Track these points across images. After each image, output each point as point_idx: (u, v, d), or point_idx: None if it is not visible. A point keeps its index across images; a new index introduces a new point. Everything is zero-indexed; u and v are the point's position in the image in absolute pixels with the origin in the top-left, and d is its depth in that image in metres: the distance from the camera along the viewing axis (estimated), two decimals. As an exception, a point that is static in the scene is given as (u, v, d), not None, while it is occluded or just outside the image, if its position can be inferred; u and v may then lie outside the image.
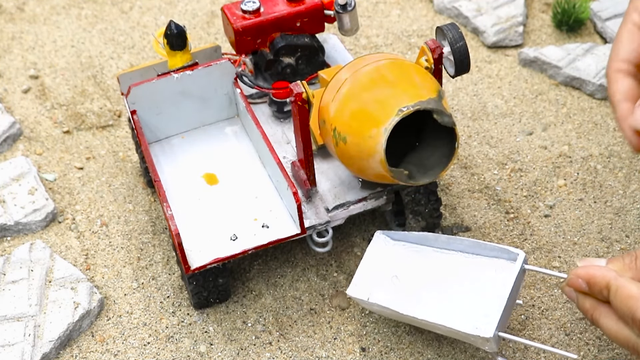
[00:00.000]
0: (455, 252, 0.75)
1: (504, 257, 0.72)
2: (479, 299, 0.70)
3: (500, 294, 0.69)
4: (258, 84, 0.86)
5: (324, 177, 0.81)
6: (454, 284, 0.73)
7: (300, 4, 0.86)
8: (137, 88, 0.81)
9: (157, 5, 1.21)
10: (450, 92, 1.03)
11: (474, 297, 0.71)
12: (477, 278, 0.72)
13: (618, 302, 0.63)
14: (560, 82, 1.03)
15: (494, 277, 0.72)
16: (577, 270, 0.66)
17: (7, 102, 1.06)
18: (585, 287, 0.65)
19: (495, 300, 0.69)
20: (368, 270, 0.76)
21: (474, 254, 0.74)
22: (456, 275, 0.73)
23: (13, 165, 0.95)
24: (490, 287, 0.71)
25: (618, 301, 0.63)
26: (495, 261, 0.72)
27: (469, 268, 0.73)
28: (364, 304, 0.74)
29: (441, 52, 0.74)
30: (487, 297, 0.70)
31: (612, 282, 0.63)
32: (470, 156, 0.95)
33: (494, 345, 0.68)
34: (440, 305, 0.71)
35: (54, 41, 1.15)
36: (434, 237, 0.75)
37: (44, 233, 0.90)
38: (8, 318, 0.80)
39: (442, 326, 0.69)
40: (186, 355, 0.78)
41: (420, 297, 0.73)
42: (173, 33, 0.82)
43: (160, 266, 0.86)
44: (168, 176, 0.83)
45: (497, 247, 0.72)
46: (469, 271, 0.73)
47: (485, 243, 0.73)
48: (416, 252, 0.76)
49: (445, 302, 0.71)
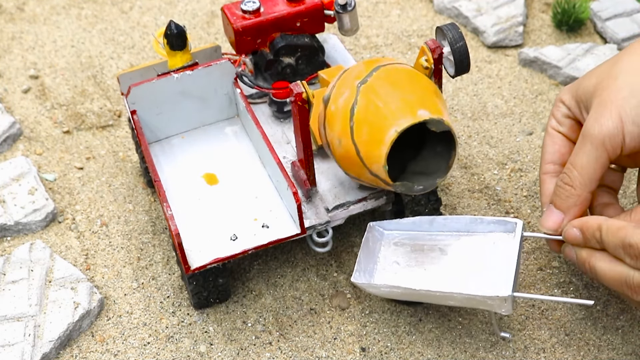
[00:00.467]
0: (451, 232, 0.76)
1: (501, 229, 0.74)
2: (487, 268, 0.72)
3: (508, 259, 0.71)
4: (258, 84, 0.86)
5: (324, 177, 0.81)
6: (458, 259, 0.74)
7: (300, 4, 0.86)
8: (137, 88, 0.81)
9: (157, 5, 1.21)
10: (450, 92, 1.03)
11: (481, 267, 0.72)
12: (479, 251, 0.74)
13: (610, 237, 0.66)
14: (560, 82, 1.03)
15: (495, 248, 0.73)
16: (571, 222, 0.70)
17: (7, 102, 1.06)
18: (579, 236, 0.69)
19: (504, 265, 0.71)
20: (367, 259, 0.76)
21: (470, 232, 0.75)
22: (458, 252, 0.74)
23: (13, 165, 0.95)
24: (495, 257, 0.73)
25: (610, 236, 0.66)
26: (494, 234, 0.74)
27: (469, 244, 0.75)
28: (371, 289, 0.74)
29: (441, 52, 0.74)
30: (494, 265, 0.72)
31: (602, 223, 0.67)
32: (470, 156, 0.95)
33: (510, 307, 0.69)
34: (450, 277, 0.72)
35: (54, 41, 1.15)
36: (428, 220, 0.76)
37: (44, 233, 0.90)
38: (8, 318, 0.80)
39: (458, 294, 0.69)
40: (186, 355, 0.78)
41: (427, 273, 0.73)
42: (173, 33, 0.82)
43: (160, 266, 0.86)
44: (168, 176, 0.83)
45: (494, 219, 0.73)
46: (469, 246, 0.74)
47: (481, 218, 0.74)
48: (412, 237, 0.77)
49: (454, 274, 0.73)
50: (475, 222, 0.75)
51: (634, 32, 1.08)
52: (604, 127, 0.68)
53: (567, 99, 0.76)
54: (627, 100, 0.68)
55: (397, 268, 0.75)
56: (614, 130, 0.68)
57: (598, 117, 0.69)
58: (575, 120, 0.76)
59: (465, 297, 0.69)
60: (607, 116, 0.68)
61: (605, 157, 0.69)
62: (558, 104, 0.77)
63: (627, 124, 0.68)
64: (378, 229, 0.77)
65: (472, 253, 0.74)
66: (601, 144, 0.68)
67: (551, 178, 0.75)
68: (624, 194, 0.90)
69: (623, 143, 0.68)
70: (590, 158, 0.69)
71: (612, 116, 0.68)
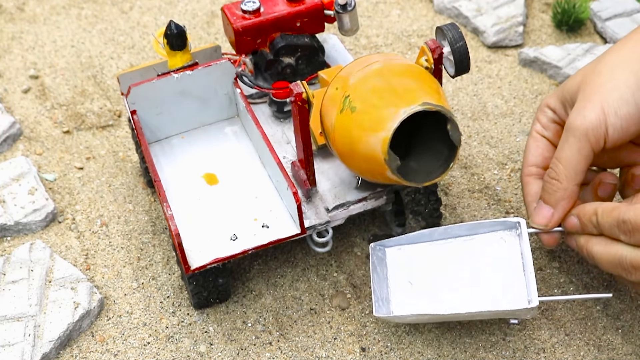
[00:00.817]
0: (453, 239, 0.75)
1: (502, 228, 0.74)
2: (502, 274, 0.72)
3: (523, 262, 0.72)
4: (258, 84, 0.86)
5: (324, 177, 0.81)
6: (470, 269, 0.74)
7: (300, 4, 0.86)
8: (137, 88, 0.81)
9: (157, 5, 1.21)
10: (450, 92, 1.03)
11: (496, 275, 0.72)
12: (487, 256, 0.74)
13: (606, 218, 0.68)
14: (560, 82, 1.03)
15: (502, 251, 0.73)
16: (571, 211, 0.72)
17: (7, 102, 1.06)
18: (577, 223, 0.71)
19: (519, 269, 0.72)
20: (380, 286, 0.75)
21: (473, 235, 0.75)
22: (466, 260, 0.74)
23: (13, 165, 0.95)
24: (505, 261, 0.73)
25: (605, 218, 0.68)
26: (496, 235, 0.74)
27: (474, 249, 0.74)
28: (397, 320, 0.74)
29: (441, 52, 0.74)
30: (508, 270, 0.72)
31: (598, 207, 0.69)
32: (470, 156, 0.95)
33: (536, 312, 0.71)
34: (471, 293, 0.72)
35: (54, 41, 1.15)
36: (429, 232, 0.76)
37: (44, 233, 0.90)
38: (8, 318, 0.80)
39: (487, 312, 0.70)
40: (186, 355, 0.78)
41: (448, 292, 0.73)
42: (173, 33, 0.82)
43: (160, 266, 0.86)
44: (168, 176, 0.83)
45: (494, 222, 0.74)
46: (475, 252, 0.74)
47: (481, 222, 0.75)
48: (416, 251, 0.76)
49: (474, 288, 0.72)
50: (475, 227, 0.75)
51: (634, 32, 1.08)
52: (586, 119, 0.69)
53: (552, 102, 0.76)
54: (610, 93, 0.69)
55: (412, 289, 0.75)
56: (597, 122, 0.68)
57: (581, 109, 0.70)
58: (561, 125, 0.76)
59: (494, 312, 0.70)
60: (590, 108, 0.69)
61: (588, 149, 0.69)
62: (543, 109, 0.77)
63: (609, 116, 0.68)
64: (380, 248, 0.77)
65: (482, 258, 0.74)
66: (584, 135, 0.69)
67: (535, 179, 0.77)
68: (624, 194, 0.90)
69: (606, 135, 0.69)
70: (574, 150, 0.70)
71: (595, 108, 0.68)
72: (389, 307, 0.74)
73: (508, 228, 0.74)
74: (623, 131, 0.69)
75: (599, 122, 0.68)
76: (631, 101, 0.68)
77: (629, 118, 0.68)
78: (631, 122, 0.68)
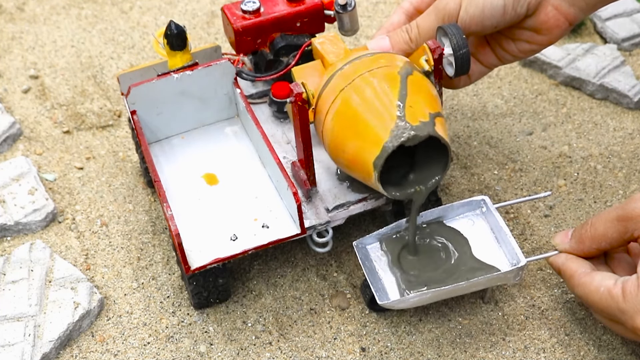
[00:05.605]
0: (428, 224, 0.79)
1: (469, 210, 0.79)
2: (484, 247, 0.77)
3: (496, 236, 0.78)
4: (257, 75, 0.86)
5: (324, 177, 0.81)
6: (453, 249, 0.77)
7: (300, 4, 0.86)
8: (137, 88, 0.81)
9: (157, 5, 1.21)
10: (450, 92, 1.03)
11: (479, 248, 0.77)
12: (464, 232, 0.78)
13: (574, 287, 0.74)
14: (560, 82, 1.03)
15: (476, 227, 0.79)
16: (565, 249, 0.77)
17: (7, 102, 1.06)
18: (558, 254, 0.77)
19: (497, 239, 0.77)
20: (374, 278, 0.76)
21: (447, 219, 0.79)
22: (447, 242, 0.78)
23: (13, 165, 0.95)
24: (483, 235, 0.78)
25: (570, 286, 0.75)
26: (468, 215, 0.79)
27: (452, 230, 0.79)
28: (401, 304, 0.74)
29: (441, 52, 0.74)
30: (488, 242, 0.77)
31: (575, 272, 0.74)
32: (470, 156, 0.95)
33: (522, 274, 0.75)
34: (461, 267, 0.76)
35: (54, 41, 1.15)
36: (403, 222, 0.79)
37: (44, 233, 0.90)
38: (8, 318, 0.80)
39: (483, 278, 0.73)
40: (186, 355, 0.78)
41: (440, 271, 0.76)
42: (173, 33, 0.82)
43: (160, 266, 0.86)
44: (168, 176, 0.83)
45: (462, 203, 0.79)
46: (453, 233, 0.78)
47: (451, 205, 0.79)
48: (397, 241, 0.78)
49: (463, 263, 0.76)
50: (446, 211, 0.79)
51: (634, 32, 1.08)
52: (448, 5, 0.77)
53: None
54: None
55: (405, 276, 0.76)
56: (454, 10, 0.77)
57: None
58: None
59: (489, 278, 0.73)
60: None
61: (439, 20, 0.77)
62: None
63: (462, 10, 0.76)
64: (361, 247, 0.78)
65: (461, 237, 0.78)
66: (440, 12, 0.77)
67: (403, 14, 0.84)
68: (623, 194, 0.90)
69: (457, 19, 0.77)
70: (432, 17, 0.78)
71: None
72: (388, 296, 0.75)
73: (474, 208, 0.79)
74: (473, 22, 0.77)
75: (455, 10, 0.77)
76: (480, 4, 0.76)
77: (474, 17, 0.76)
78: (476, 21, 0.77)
